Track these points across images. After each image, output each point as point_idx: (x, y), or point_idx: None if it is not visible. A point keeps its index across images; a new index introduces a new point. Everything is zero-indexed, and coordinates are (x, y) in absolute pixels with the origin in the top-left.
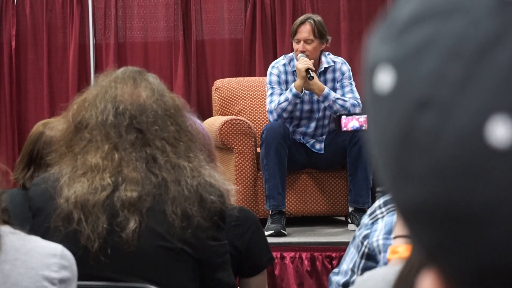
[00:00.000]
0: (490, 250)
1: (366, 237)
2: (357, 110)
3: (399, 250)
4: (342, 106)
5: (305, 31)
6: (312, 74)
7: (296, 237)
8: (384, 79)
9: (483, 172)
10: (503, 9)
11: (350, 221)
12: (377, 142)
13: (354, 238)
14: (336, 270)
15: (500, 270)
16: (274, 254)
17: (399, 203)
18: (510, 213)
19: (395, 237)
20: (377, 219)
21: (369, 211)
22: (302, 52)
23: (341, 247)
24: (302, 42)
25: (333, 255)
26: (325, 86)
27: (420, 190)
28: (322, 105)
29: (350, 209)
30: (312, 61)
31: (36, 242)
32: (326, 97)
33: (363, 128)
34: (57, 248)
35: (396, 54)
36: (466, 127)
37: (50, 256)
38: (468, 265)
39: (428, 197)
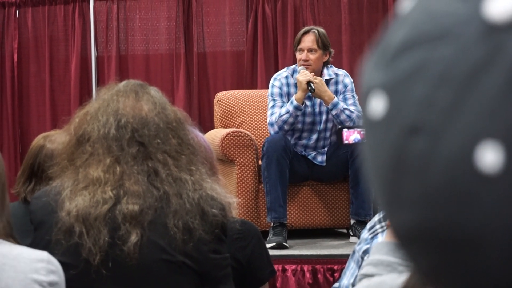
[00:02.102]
0: (482, 274)
1: (366, 252)
2: (361, 122)
3: None
4: (348, 116)
5: (308, 40)
6: (314, 86)
7: (298, 249)
8: (377, 104)
9: (473, 197)
10: (491, 35)
11: (351, 234)
12: (372, 167)
13: (353, 252)
14: (336, 285)
15: None
16: (275, 266)
17: (394, 227)
18: (501, 237)
19: None
20: (377, 233)
21: (368, 226)
22: (305, 61)
23: (343, 260)
24: (305, 51)
25: (335, 267)
26: (335, 96)
27: (413, 214)
28: (324, 117)
29: (352, 221)
30: (313, 73)
31: (22, 249)
32: (335, 106)
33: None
34: (43, 254)
35: (388, 80)
36: (456, 152)
37: (37, 261)
38: (463, 286)
39: (420, 221)
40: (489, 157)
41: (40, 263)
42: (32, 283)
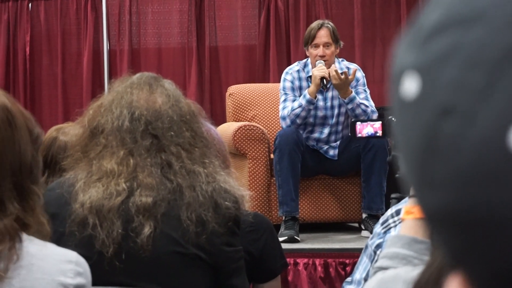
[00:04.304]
0: None
1: (379, 246)
2: (374, 117)
3: (414, 211)
4: (364, 111)
5: (324, 35)
6: (328, 84)
7: (310, 243)
8: (410, 85)
9: (505, 178)
10: None
11: (363, 228)
12: (403, 148)
13: (366, 247)
14: (349, 279)
15: None
16: (287, 260)
17: (424, 208)
18: None
19: (410, 197)
20: (390, 228)
21: (381, 220)
22: (322, 56)
23: (355, 254)
24: (321, 46)
25: (347, 261)
26: (352, 90)
27: (444, 195)
28: (336, 111)
29: (364, 215)
30: (329, 69)
31: (52, 249)
32: (352, 100)
33: (378, 134)
34: (73, 255)
35: (421, 61)
36: (488, 134)
37: (66, 262)
38: (493, 268)
39: (451, 202)
40: None
41: (68, 265)
42: (57, 285)
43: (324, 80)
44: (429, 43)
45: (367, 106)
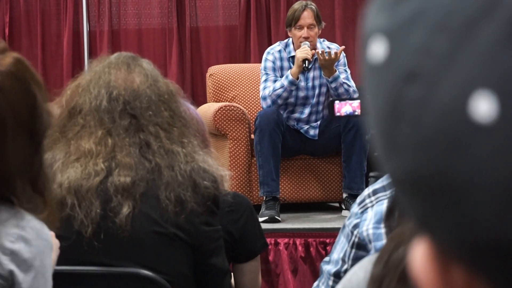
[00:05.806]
0: (472, 224)
1: (356, 226)
2: (355, 96)
3: None
4: (346, 90)
5: (308, 17)
6: (310, 65)
7: (290, 223)
8: (378, 49)
9: (466, 146)
10: None
11: (344, 207)
12: (371, 113)
13: (344, 227)
14: (327, 259)
15: (485, 243)
16: (268, 240)
17: (390, 173)
18: (492, 187)
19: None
20: (367, 208)
21: (358, 200)
22: (306, 38)
23: (335, 233)
24: (305, 28)
25: (327, 241)
26: (337, 70)
27: (407, 160)
28: (317, 91)
29: (344, 195)
30: (313, 51)
31: (18, 215)
32: (335, 79)
33: (356, 113)
34: (31, 223)
35: (389, 25)
36: (451, 100)
37: (13, 226)
38: (455, 235)
39: (414, 167)
40: (483, 106)
41: (14, 229)
42: None
43: (306, 61)
44: (398, 6)
45: (349, 86)
